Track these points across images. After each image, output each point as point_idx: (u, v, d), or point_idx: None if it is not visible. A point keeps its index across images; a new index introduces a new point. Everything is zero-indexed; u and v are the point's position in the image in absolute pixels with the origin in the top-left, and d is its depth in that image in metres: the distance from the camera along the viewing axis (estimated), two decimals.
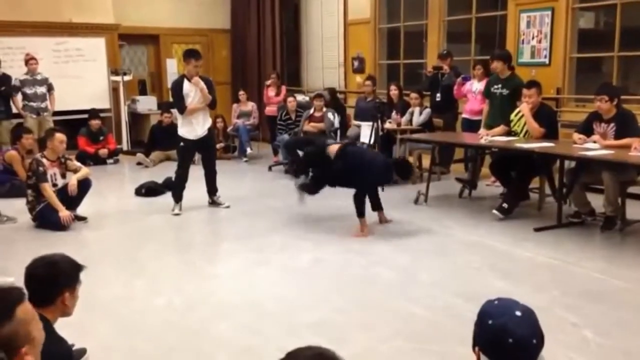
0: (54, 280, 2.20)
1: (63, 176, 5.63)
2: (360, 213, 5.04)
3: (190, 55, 5.80)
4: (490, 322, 1.59)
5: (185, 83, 5.78)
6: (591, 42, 7.43)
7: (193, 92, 5.80)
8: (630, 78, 7.43)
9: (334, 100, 8.71)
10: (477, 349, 1.64)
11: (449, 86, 7.39)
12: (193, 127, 5.86)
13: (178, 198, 6.00)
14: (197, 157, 6.86)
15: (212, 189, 6.17)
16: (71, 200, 5.57)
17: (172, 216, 5.88)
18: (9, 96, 8.31)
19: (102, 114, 9.65)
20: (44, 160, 5.47)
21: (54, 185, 5.54)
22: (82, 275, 2.33)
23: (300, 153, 7.91)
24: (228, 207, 6.10)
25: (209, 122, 6.02)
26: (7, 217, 5.62)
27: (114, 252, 4.99)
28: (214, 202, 6.17)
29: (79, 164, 5.90)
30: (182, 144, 5.97)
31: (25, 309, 1.59)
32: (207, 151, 6.17)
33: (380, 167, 5.17)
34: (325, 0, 10.48)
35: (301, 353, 1.42)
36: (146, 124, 10.15)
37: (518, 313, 1.60)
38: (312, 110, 8.02)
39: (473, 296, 3.25)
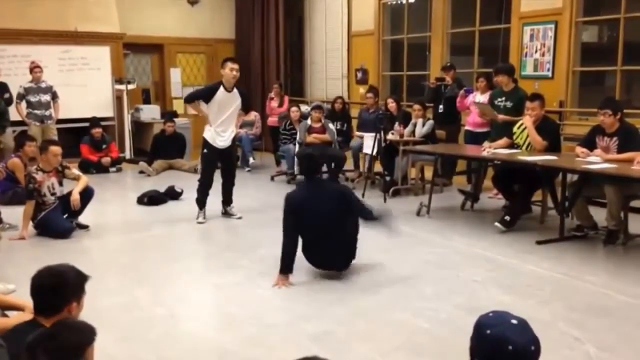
0: (61, 291, 2.19)
1: (60, 183, 5.64)
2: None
3: (227, 59, 5.87)
4: (488, 332, 1.61)
5: (221, 91, 5.76)
6: (594, 55, 7.46)
7: (227, 105, 5.81)
8: (633, 92, 7.45)
9: (343, 110, 8.73)
10: None
11: (452, 98, 7.41)
12: (220, 136, 5.87)
13: (202, 204, 5.99)
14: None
15: (227, 200, 6.16)
16: (74, 209, 5.57)
17: (175, 225, 5.89)
18: (9, 104, 8.32)
19: (105, 123, 9.70)
20: (38, 175, 5.46)
21: (53, 194, 5.55)
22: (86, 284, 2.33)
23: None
24: (240, 218, 6.09)
25: (234, 134, 6.03)
26: (9, 225, 5.62)
27: (115, 260, 4.99)
28: (226, 213, 6.16)
29: (77, 172, 5.90)
30: (205, 150, 5.96)
31: (92, 350, 1.78)
32: (229, 162, 6.14)
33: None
34: (329, 11, 10.53)
35: None
36: (149, 133, 10.18)
37: (514, 321, 1.64)
38: (309, 122, 8.02)
39: (476, 309, 3.22)
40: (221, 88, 5.78)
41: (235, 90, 5.85)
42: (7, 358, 1.97)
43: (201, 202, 6.00)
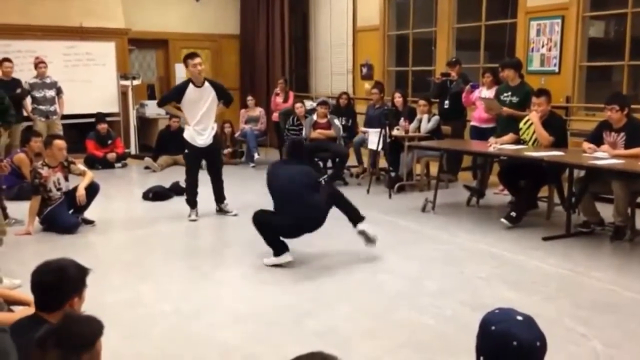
0: (63, 288, 2.17)
1: (66, 179, 5.65)
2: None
3: (186, 57, 5.80)
4: (493, 328, 1.61)
5: (191, 88, 5.73)
6: (601, 51, 7.41)
7: (202, 101, 5.75)
8: None
9: (348, 105, 8.71)
10: (481, 359, 1.64)
11: (458, 93, 7.38)
12: (199, 135, 5.82)
13: (192, 204, 5.96)
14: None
15: (219, 197, 6.12)
16: (79, 205, 5.58)
17: (180, 221, 5.88)
18: (21, 100, 8.36)
19: (110, 118, 9.71)
20: (44, 170, 5.46)
21: (59, 189, 5.56)
22: (89, 279, 2.31)
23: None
24: (236, 215, 6.05)
25: (214, 131, 5.97)
26: (15, 220, 5.63)
27: (120, 256, 5.00)
28: (221, 210, 6.13)
29: (82, 167, 5.90)
30: (187, 151, 5.95)
31: (101, 342, 1.78)
32: (213, 159, 6.08)
33: None
34: (334, 7, 10.50)
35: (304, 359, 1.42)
36: (154, 129, 10.19)
37: (519, 318, 1.63)
38: (315, 117, 8.00)
39: (481, 306, 3.23)
40: (190, 85, 5.72)
41: (207, 84, 5.79)
42: (10, 343, 1.97)
43: (191, 202, 5.96)
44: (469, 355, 1.81)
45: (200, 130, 5.81)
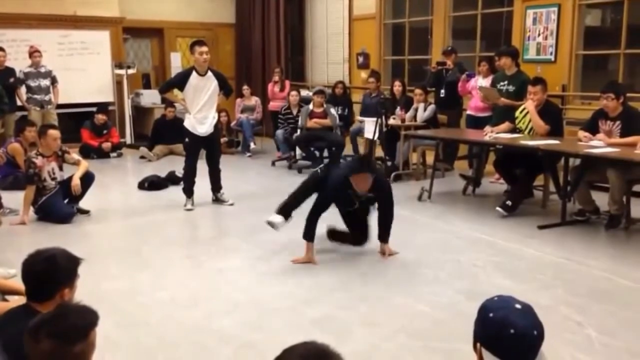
0: (53, 277, 2.14)
1: (60, 168, 5.63)
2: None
3: (194, 43, 5.77)
4: (491, 315, 1.63)
5: (194, 76, 5.70)
6: (597, 39, 7.39)
7: (203, 89, 5.72)
8: (636, 76, 7.40)
9: (344, 94, 8.69)
10: (478, 345, 1.65)
11: (454, 82, 7.37)
12: (200, 124, 5.80)
13: (189, 193, 5.96)
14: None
15: (216, 187, 6.11)
16: (75, 194, 5.56)
17: (176, 211, 5.88)
18: (14, 89, 8.32)
19: None
20: (38, 160, 5.43)
21: (53, 179, 5.54)
22: (86, 268, 2.31)
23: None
24: (232, 204, 6.05)
25: (215, 120, 5.95)
26: (10, 209, 5.62)
27: (117, 245, 4.99)
28: (217, 200, 6.13)
29: (77, 157, 5.88)
30: (187, 139, 5.93)
31: (95, 333, 1.75)
32: (212, 148, 6.07)
33: None
34: None
35: (296, 349, 1.42)
36: (150, 118, 10.15)
37: (518, 306, 1.64)
38: (311, 106, 7.98)
39: (477, 294, 3.23)
40: (194, 73, 5.70)
41: (209, 72, 5.77)
42: None
43: (188, 190, 5.96)
44: (464, 341, 1.82)
45: (201, 119, 5.80)
